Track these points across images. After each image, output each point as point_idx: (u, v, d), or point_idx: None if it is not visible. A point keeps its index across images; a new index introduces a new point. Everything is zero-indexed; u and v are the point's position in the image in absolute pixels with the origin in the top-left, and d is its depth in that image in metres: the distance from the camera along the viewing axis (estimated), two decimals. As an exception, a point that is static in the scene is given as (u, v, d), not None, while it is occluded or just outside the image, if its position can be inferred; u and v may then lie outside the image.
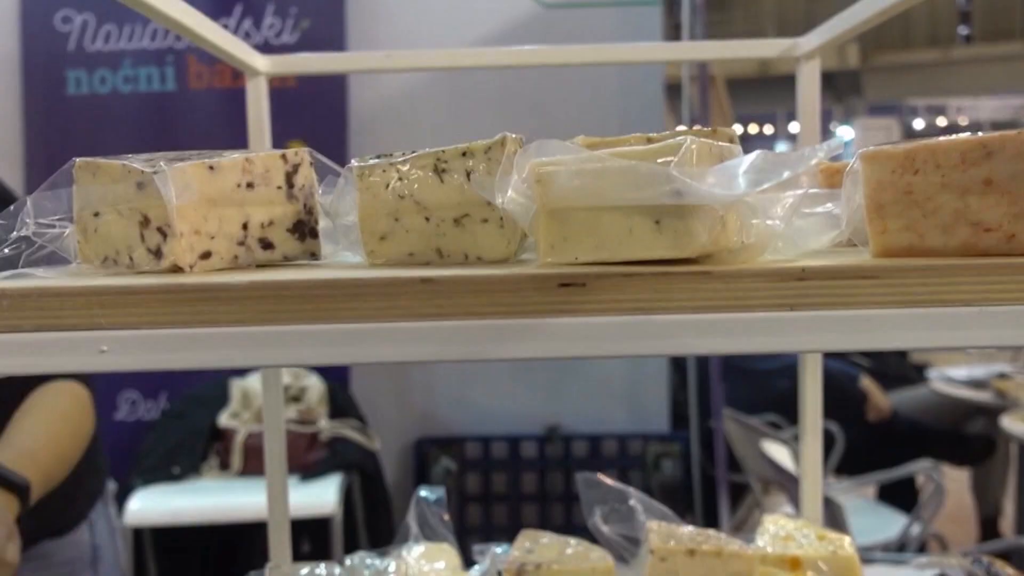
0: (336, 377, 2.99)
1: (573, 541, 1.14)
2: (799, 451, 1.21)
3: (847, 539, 1.10)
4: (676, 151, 0.52)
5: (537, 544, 1.15)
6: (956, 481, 4.61)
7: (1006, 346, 0.54)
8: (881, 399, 4.04)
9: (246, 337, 0.50)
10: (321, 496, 2.57)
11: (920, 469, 3.32)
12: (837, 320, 0.51)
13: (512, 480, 3.31)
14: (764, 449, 3.22)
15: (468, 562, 1.19)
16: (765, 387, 3.67)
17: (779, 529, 1.13)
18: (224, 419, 2.80)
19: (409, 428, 3.26)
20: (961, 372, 4.42)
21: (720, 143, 0.59)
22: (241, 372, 2.83)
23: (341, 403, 2.91)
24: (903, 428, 4.10)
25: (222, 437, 2.79)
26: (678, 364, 4.08)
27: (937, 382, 4.33)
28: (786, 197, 0.53)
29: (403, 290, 0.51)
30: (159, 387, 3.03)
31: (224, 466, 2.75)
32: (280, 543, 1.19)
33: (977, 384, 4.24)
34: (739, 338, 0.51)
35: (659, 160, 0.52)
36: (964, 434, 4.26)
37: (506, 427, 3.30)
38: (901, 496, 3.68)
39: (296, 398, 2.85)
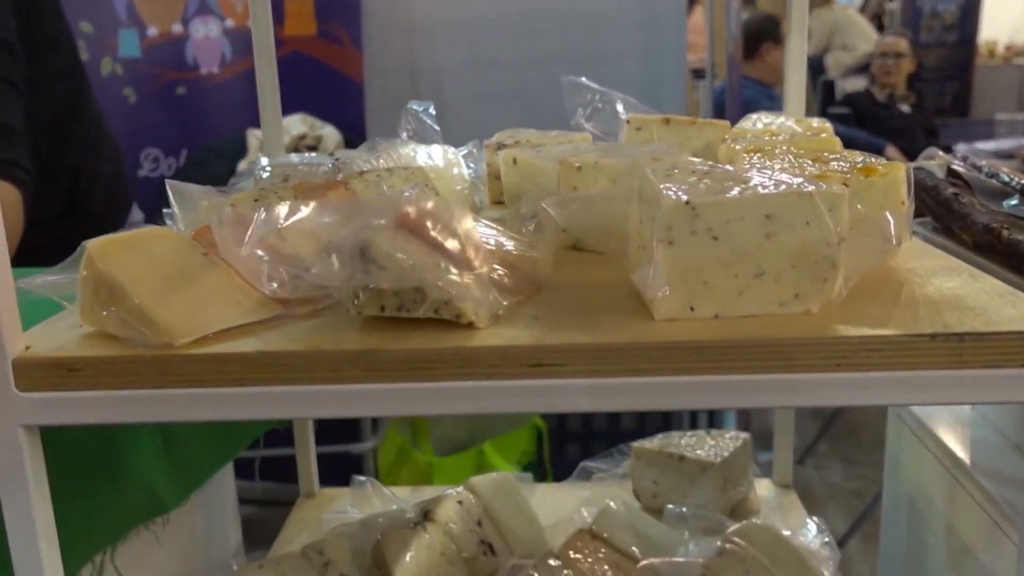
0: (351, 128, 3.00)
1: (555, 131, 1.17)
2: (784, 56, 1.22)
3: (828, 123, 1.10)
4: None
5: (518, 133, 1.18)
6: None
7: None
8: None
9: None
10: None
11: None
12: None
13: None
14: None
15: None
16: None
17: (759, 120, 1.14)
18: (243, 167, 2.85)
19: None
20: (989, 145, 4.36)
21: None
22: (258, 122, 2.86)
23: (358, 151, 2.95)
24: (925, 199, 4.08)
25: (242, 184, 2.85)
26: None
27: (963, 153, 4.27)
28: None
29: None
30: (180, 144, 3.08)
31: (245, 211, 2.81)
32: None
33: (1004, 155, 4.18)
34: None
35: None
36: (987, 206, 4.23)
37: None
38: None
39: (313, 147, 2.88)
